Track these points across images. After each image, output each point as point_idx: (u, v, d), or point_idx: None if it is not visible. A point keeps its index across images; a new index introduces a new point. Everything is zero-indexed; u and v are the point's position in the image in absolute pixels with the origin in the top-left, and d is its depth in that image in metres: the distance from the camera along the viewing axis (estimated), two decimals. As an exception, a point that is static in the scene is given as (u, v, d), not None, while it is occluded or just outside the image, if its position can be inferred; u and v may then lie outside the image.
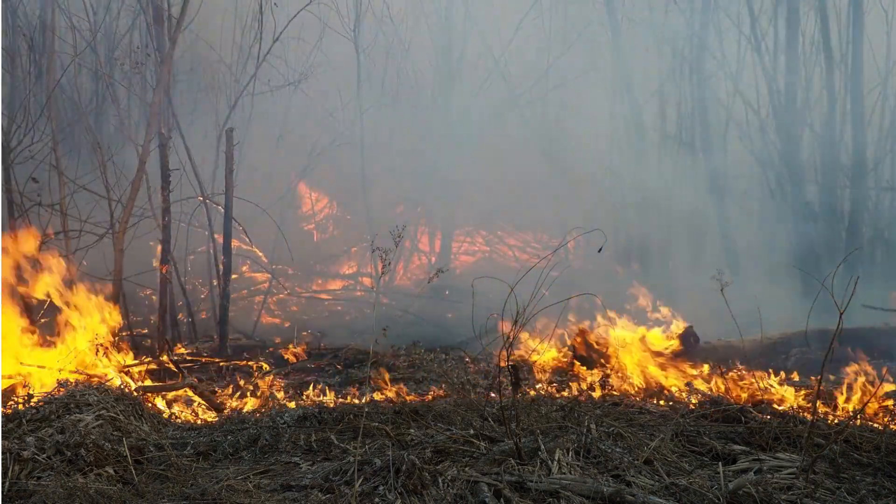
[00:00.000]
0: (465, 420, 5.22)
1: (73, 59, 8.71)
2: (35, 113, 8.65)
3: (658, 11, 15.54)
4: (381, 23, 16.00)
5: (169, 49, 8.22)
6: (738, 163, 15.40)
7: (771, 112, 13.60)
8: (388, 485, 4.02)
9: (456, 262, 16.56)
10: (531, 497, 3.98)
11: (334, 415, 5.30)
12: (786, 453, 4.71)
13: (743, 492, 3.94)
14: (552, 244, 15.43)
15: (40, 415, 4.93)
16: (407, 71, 16.44)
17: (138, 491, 4.18)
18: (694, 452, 4.79)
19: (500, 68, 15.67)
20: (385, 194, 14.94)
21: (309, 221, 15.61)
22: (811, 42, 14.90)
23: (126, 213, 8.14)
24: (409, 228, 15.57)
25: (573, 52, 15.72)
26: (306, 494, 4.09)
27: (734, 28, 14.75)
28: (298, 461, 4.64)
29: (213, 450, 4.86)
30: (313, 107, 13.01)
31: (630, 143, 15.44)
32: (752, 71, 14.47)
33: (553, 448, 4.40)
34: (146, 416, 5.37)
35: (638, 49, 15.68)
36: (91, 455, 4.42)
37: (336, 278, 14.47)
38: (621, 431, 4.84)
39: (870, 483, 4.30)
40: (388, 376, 7.16)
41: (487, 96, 15.71)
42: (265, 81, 10.67)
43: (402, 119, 15.65)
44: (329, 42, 14.78)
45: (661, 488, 4.06)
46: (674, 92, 15.63)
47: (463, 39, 16.01)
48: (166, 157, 8.08)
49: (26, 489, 4.03)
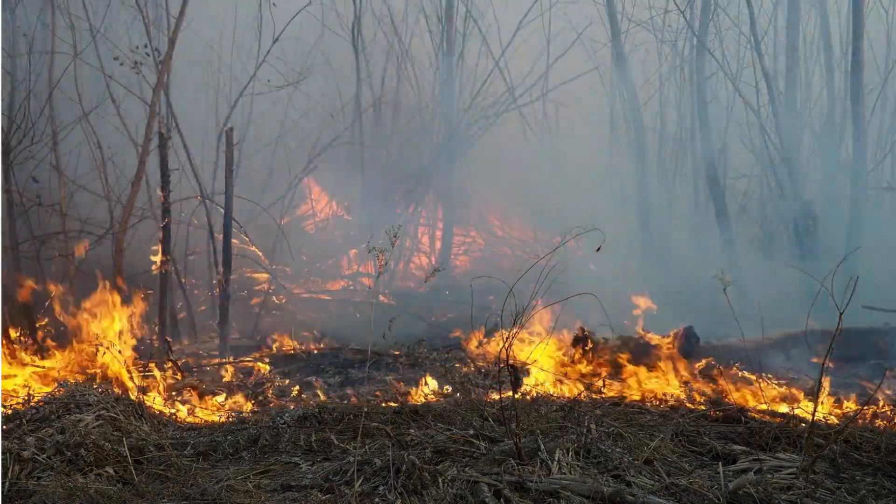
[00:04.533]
0: (465, 420, 5.22)
1: (73, 59, 8.70)
2: (35, 113, 8.65)
3: (658, 11, 15.56)
4: (381, 23, 16.00)
5: (168, 49, 8.22)
6: (738, 163, 15.42)
7: (771, 112, 13.59)
8: (388, 485, 4.02)
9: (456, 262, 16.57)
10: (531, 497, 3.97)
11: (334, 415, 5.30)
12: (786, 453, 4.71)
13: (743, 492, 3.94)
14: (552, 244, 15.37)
15: (40, 415, 4.93)
16: (407, 71, 16.45)
17: (138, 491, 4.18)
18: (694, 452, 4.79)
19: (500, 68, 15.67)
20: (385, 194, 14.94)
21: (309, 221, 15.61)
22: (811, 42, 14.91)
23: (126, 213, 8.14)
24: (409, 228, 15.58)
25: (573, 52, 15.73)
26: (306, 494, 4.09)
27: (734, 28, 14.75)
28: (298, 461, 4.64)
29: (213, 450, 4.86)
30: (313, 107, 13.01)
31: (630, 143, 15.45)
32: (752, 71, 14.48)
33: (553, 448, 4.40)
34: (146, 416, 5.37)
35: (638, 49, 15.70)
36: (91, 455, 4.42)
37: (336, 278, 14.46)
38: (621, 431, 4.84)
39: (870, 483, 4.30)
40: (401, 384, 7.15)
41: (487, 96, 15.71)
42: (265, 81, 10.66)
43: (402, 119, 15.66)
44: (329, 42, 14.78)
45: (661, 488, 4.06)
46: (674, 92, 15.64)
47: (463, 39, 16.01)
48: (166, 157, 8.08)
49: (26, 489, 4.02)
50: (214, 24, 11.93)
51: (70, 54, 8.73)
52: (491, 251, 17.49)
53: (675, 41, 15.86)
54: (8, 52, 8.75)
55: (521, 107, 15.89)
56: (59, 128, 8.90)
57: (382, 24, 16.07)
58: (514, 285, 4.57)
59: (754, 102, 14.05)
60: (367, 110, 15.02)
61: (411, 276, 15.31)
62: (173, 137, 8.66)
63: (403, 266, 15.61)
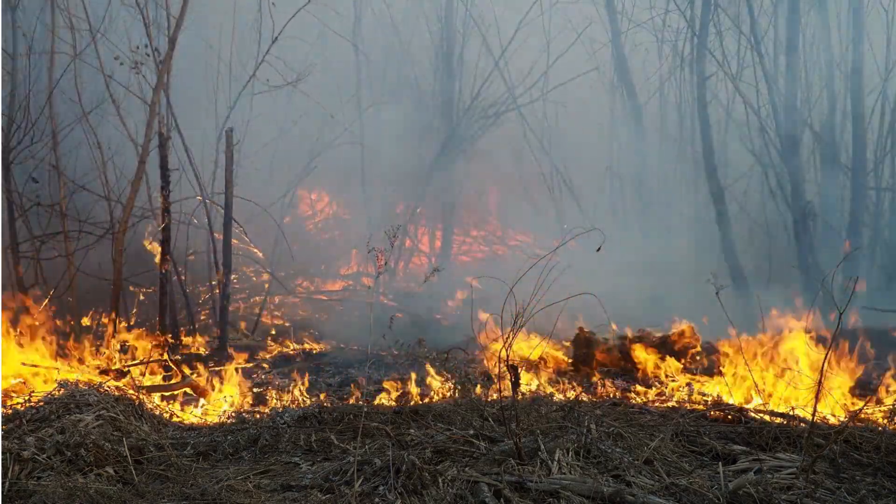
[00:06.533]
0: (465, 420, 5.22)
1: (73, 59, 8.70)
2: (35, 113, 8.64)
3: (658, 11, 15.55)
4: (381, 22, 16.00)
5: (168, 49, 8.22)
6: (739, 163, 15.41)
7: (771, 112, 13.59)
8: (388, 485, 4.02)
9: (456, 262, 16.57)
10: (531, 497, 3.97)
11: (334, 415, 5.30)
12: (786, 453, 4.71)
13: (743, 492, 3.94)
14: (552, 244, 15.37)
15: (40, 415, 4.93)
16: (407, 71, 16.45)
17: (138, 491, 4.18)
18: (694, 452, 4.79)
19: (500, 68, 15.68)
20: (385, 194, 14.94)
21: (309, 221, 15.61)
22: (811, 42, 14.90)
23: (126, 213, 8.14)
24: (410, 228, 15.57)
25: (573, 52, 15.73)
26: (306, 494, 4.09)
27: (734, 28, 14.75)
28: (298, 461, 4.64)
29: (213, 450, 4.86)
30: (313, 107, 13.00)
31: (630, 142, 15.45)
32: (752, 71, 14.48)
33: (553, 448, 4.40)
34: (146, 416, 5.37)
35: (638, 49, 15.70)
36: (91, 455, 4.42)
37: (336, 278, 14.46)
38: (621, 431, 4.84)
39: (870, 483, 4.30)
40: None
41: (487, 96, 15.71)
42: (265, 81, 10.66)
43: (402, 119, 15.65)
44: (329, 42, 14.78)
45: (661, 488, 4.06)
46: (674, 92, 15.64)
47: (463, 39, 16.01)
48: (166, 157, 8.07)
49: (26, 489, 4.02)
50: (214, 24, 11.92)
51: (70, 54, 8.73)
52: (491, 251, 17.50)
53: (675, 41, 15.86)
54: (8, 52, 8.75)
55: (521, 107, 15.89)
56: (59, 128, 8.89)
57: (382, 24, 16.08)
58: (514, 285, 4.57)
59: (754, 102, 14.06)
60: (368, 110, 15.02)
61: (411, 276, 15.31)
62: (173, 137, 8.65)
63: (403, 266, 15.61)
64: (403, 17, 16.23)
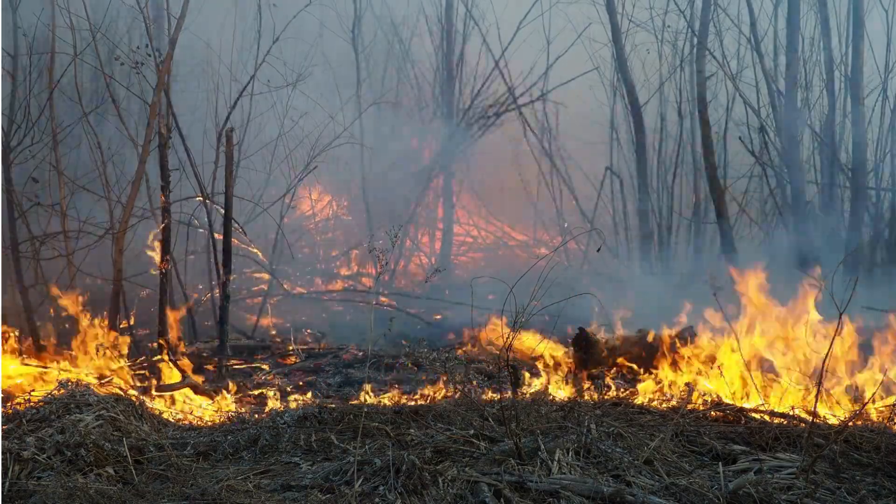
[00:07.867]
0: (465, 420, 5.22)
1: (73, 59, 8.69)
2: (35, 113, 8.64)
3: (658, 11, 15.54)
4: (381, 22, 16.01)
5: (169, 49, 8.21)
6: (738, 163, 15.41)
7: (771, 112, 13.58)
8: (388, 485, 4.02)
9: (456, 262, 16.58)
10: (531, 497, 3.97)
11: (334, 415, 5.30)
12: (786, 453, 4.71)
13: (743, 492, 3.94)
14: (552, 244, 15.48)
15: (40, 415, 4.93)
16: (407, 71, 16.45)
17: (138, 491, 4.18)
18: (694, 452, 4.79)
19: (500, 68, 15.68)
20: (385, 194, 14.95)
21: (309, 221, 15.60)
22: (811, 42, 14.90)
23: (126, 213, 8.13)
24: (410, 228, 15.58)
25: (573, 52, 15.74)
26: (306, 494, 4.09)
27: (734, 28, 14.76)
28: (298, 461, 4.64)
29: (213, 450, 4.86)
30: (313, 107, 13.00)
31: (630, 142, 15.45)
32: (752, 71, 14.48)
33: (553, 448, 4.40)
34: (146, 417, 5.37)
35: (638, 49, 15.69)
36: (91, 455, 4.42)
37: (336, 278, 14.47)
38: (621, 431, 4.84)
39: (870, 483, 4.30)
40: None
41: (487, 96, 15.72)
42: (264, 81, 10.65)
43: (402, 119, 15.66)
44: (329, 42, 14.78)
45: (661, 488, 4.06)
46: (674, 92, 15.64)
47: (463, 39, 16.02)
48: (166, 157, 8.06)
49: (26, 489, 4.03)
50: (214, 24, 11.93)
51: (70, 54, 8.72)
52: (491, 251, 17.51)
53: (675, 41, 15.85)
54: (8, 52, 8.75)
55: (522, 107, 15.89)
56: (59, 128, 8.89)
57: (382, 24, 16.09)
58: (514, 285, 4.57)
59: (754, 102, 14.05)
60: (367, 110, 15.02)
61: (412, 276, 15.32)
62: (173, 137, 8.64)
63: (404, 266, 15.61)
64: (403, 17, 16.24)
